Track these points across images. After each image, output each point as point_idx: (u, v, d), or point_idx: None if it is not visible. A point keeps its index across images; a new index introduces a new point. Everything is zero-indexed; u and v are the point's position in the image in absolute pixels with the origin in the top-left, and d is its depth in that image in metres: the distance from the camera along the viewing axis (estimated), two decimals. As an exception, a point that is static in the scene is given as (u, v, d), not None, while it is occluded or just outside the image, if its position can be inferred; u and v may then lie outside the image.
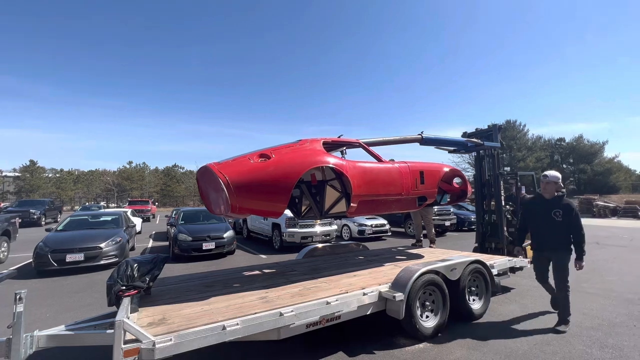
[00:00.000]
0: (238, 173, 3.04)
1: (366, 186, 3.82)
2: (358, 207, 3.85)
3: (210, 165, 3.13)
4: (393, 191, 4.15)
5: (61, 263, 6.93)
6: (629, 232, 12.90)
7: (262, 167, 3.18)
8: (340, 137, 4.25)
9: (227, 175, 2.95)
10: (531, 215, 3.97)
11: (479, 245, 6.75)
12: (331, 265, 4.66)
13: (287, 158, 3.36)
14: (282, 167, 3.24)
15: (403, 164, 4.34)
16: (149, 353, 2.14)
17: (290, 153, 3.47)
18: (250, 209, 3.18)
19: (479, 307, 4.01)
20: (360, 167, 3.86)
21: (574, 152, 40.63)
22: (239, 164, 3.17)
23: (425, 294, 3.58)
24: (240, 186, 2.98)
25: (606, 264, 7.09)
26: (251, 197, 3.08)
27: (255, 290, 3.40)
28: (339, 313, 3.07)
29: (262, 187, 3.11)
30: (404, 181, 4.20)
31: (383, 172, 4.09)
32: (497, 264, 4.57)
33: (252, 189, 3.07)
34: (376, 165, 4.10)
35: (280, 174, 3.19)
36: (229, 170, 3.02)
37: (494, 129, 6.56)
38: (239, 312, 2.70)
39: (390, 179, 4.11)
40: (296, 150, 3.56)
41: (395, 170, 4.19)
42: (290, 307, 2.81)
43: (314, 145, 3.73)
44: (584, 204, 24.30)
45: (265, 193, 3.14)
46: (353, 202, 3.74)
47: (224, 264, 7.89)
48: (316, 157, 3.54)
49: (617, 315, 4.01)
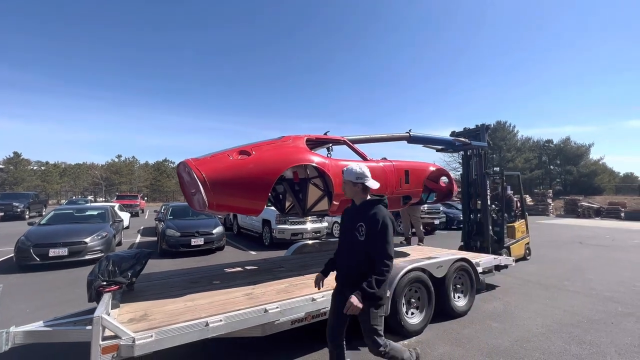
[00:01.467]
0: (215, 170, 2.98)
1: None
2: (340, 206, 3.83)
3: (188, 161, 3.06)
4: (377, 190, 4.12)
5: (44, 258, 6.76)
6: (611, 233, 13.28)
7: (240, 164, 3.12)
8: (326, 134, 4.23)
9: (204, 172, 2.89)
10: (340, 231, 2.52)
11: (464, 243, 6.86)
12: (319, 262, 4.64)
13: (267, 155, 3.31)
14: (261, 164, 3.19)
15: (388, 163, 4.35)
16: (128, 349, 2.10)
17: (271, 150, 3.42)
18: (228, 207, 3.13)
19: (463, 304, 4.07)
20: (342, 165, 3.82)
21: (561, 154, 41.50)
22: (217, 160, 3.10)
23: (411, 291, 3.61)
24: (217, 183, 2.92)
25: (588, 262, 7.28)
26: (228, 194, 3.03)
27: (240, 286, 3.37)
28: (325, 309, 3.06)
29: (240, 184, 3.05)
30: (388, 180, 4.20)
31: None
32: (482, 262, 4.64)
33: (230, 186, 3.01)
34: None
35: (259, 171, 3.14)
36: (206, 167, 2.96)
37: (481, 128, 6.64)
38: (222, 309, 2.67)
39: (374, 177, 4.08)
40: (277, 147, 3.51)
41: (380, 169, 4.19)
42: (275, 304, 2.79)
43: (297, 142, 3.68)
44: (569, 204, 24.91)
45: (243, 191, 3.09)
46: (335, 201, 3.73)
47: (212, 260, 7.82)
48: (298, 155, 3.49)
49: (595, 313, 4.13)
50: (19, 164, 37.62)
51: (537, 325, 3.71)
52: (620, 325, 3.73)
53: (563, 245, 10.05)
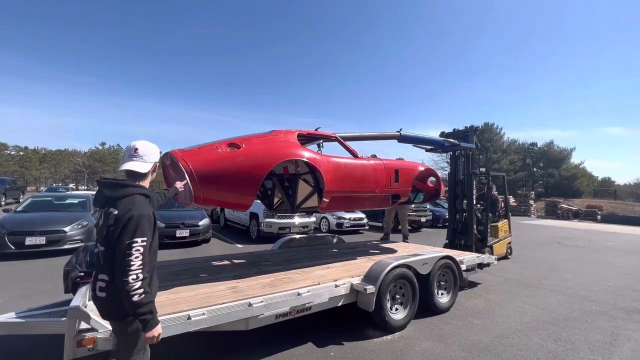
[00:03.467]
0: (203, 162, 2.87)
1: (339, 182, 3.77)
2: (330, 203, 3.82)
3: (174, 152, 2.93)
4: (366, 188, 4.13)
5: (20, 246, 6.51)
6: (587, 234, 13.79)
7: (229, 157, 3.03)
8: (317, 130, 4.19)
9: (191, 164, 2.79)
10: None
11: (449, 241, 6.98)
12: (306, 257, 4.64)
13: (257, 149, 3.23)
14: (251, 158, 3.11)
15: (378, 162, 4.34)
16: (105, 343, 2.04)
17: (262, 144, 3.34)
18: (215, 201, 3.04)
19: (446, 301, 4.14)
20: (334, 162, 3.80)
21: (544, 157, 42.69)
22: (205, 152, 3.00)
23: (396, 287, 3.64)
24: (204, 176, 2.82)
25: (565, 262, 7.54)
26: (216, 188, 2.94)
27: (225, 280, 3.32)
28: (310, 304, 3.06)
29: (228, 178, 2.96)
30: (378, 179, 4.20)
31: (357, 169, 4.05)
32: (466, 260, 4.73)
33: (218, 180, 2.92)
34: (351, 162, 4.04)
35: (248, 165, 3.06)
36: (193, 159, 2.85)
37: (470, 130, 6.73)
38: (206, 302, 2.62)
39: (364, 175, 4.08)
40: (268, 141, 3.44)
41: (370, 167, 4.18)
42: (259, 298, 2.76)
43: (288, 137, 3.62)
44: (549, 206, 25.72)
45: (232, 185, 3.00)
46: (325, 198, 3.70)
47: (197, 252, 7.70)
48: (289, 150, 3.43)
49: (571, 311, 4.27)
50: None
51: (516, 322, 3.81)
52: (594, 324, 3.87)
53: (543, 245, 10.38)
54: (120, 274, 1.50)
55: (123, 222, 1.54)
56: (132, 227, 1.53)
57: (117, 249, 1.53)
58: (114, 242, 1.54)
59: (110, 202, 1.64)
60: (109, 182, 1.70)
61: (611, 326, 3.80)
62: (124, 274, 1.48)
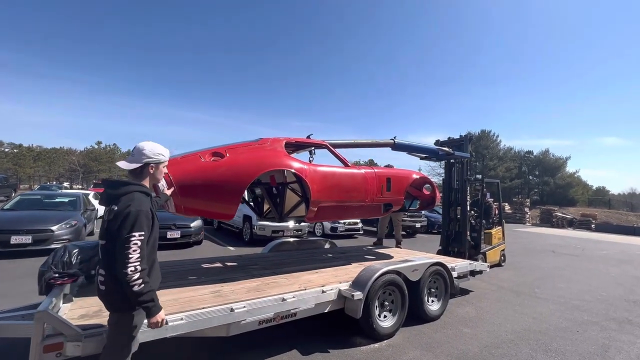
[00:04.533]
0: (184, 172, 2.83)
1: (327, 192, 3.69)
2: (318, 213, 3.74)
3: None
4: (356, 197, 4.04)
5: (5, 245, 6.37)
6: (581, 243, 13.81)
7: (212, 166, 2.98)
8: (308, 137, 4.15)
9: (172, 174, 2.74)
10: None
11: (442, 248, 6.93)
12: (295, 261, 4.56)
13: (241, 158, 3.17)
14: (234, 168, 3.05)
15: (369, 170, 4.27)
16: (74, 348, 1.95)
17: (247, 153, 3.29)
18: (197, 210, 2.99)
19: (437, 308, 4.07)
20: (322, 171, 3.72)
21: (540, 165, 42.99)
22: (187, 162, 2.96)
23: (385, 294, 3.57)
24: (185, 186, 2.78)
25: (558, 271, 7.50)
26: (197, 198, 2.89)
27: (210, 283, 3.23)
28: (295, 310, 2.98)
29: (210, 188, 2.91)
30: (368, 187, 4.12)
31: (346, 178, 3.97)
32: (458, 267, 4.66)
33: (199, 190, 2.87)
34: (339, 170, 3.96)
35: (231, 175, 3.01)
36: (175, 169, 2.81)
37: (465, 139, 6.71)
38: (186, 306, 2.53)
39: (353, 185, 4.00)
40: (253, 150, 3.38)
41: (360, 176, 4.10)
42: (242, 303, 2.68)
43: (275, 145, 3.55)
44: (544, 214, 25.82)
45: (214, 195, 2.95)
46: (312, 208, 3.62)
47: (187, 254, 7.58)
48: (274, 159, 3.37)
49: (563, 321, 4.22)
50: (-11, 145, 35.61)
51: (506, 332, 3.75)
52: (585, 334, 3.82)
53: (537, 253, 10.35)
54: (120, 266, 1.60)
55: (122, 217, 1.64)
56: (130, 221, 1.63)
57: (116, 243, 1.63)
58: (114, 236, 1.65)
59: (113, 200, 1.75)
60: (112, 181, 1.84)
61: (602, 337, 3.75)
62: (123, 266, 1.59)
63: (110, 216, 1.70)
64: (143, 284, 1.62)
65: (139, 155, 1.86)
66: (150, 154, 1.88)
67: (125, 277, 1.58)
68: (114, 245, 1.65)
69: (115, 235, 1.64)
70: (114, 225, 1.66)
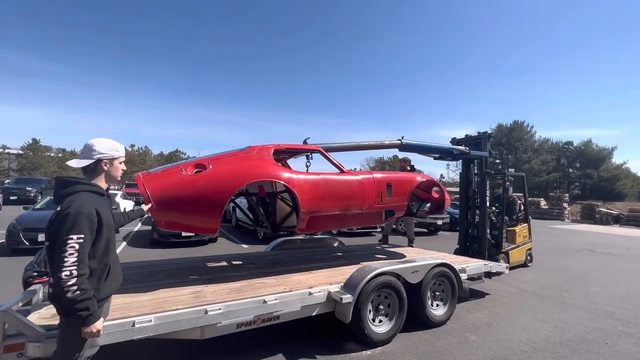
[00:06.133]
0: (162, 187, 2.77)
1: (318, 201, 3.47)
2: (310, 223, 3.53)
3: (138, 176, 2.89)
4: (352, 205, 3.78)
5: (33, 242, 6.84)
6: (627, 241, 12.47)
7: (191, 180, 2.89)
8: (305, 142, 4.00)
9: (149, 190, 2.70)
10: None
11: (460, 247, 6.48)
12: (293, 260, 4.42)
13: (222, 170, 3.05)
14: (214, 180, 2.94)
15: (367, 175, 3.99)
16: (35, 349, 1.92)
17: (230, 164, 3.16)
18: (178, 225, 2.92)
19: (441, 313, 3.75)
20: (312, 180, 3.49)
21: (581, 157, 39.67)
22: (166, 176, 2.91)
23: (380, 297, 3.32)
24: (163, 201, 2.71)
25: (594, 273, 6.75)
26: (176, 212, 2.81)
27: (194, 283, 3.16)
28: (278, 313, 2.83)
29: (188, 203, 2.82)
30: (366, 194, 3.84)
31: (340, 185, 3.72)
32: (469, 268, 4.29)
33: (177, 205, 2.79)
34: (332, 178, 3.71)
35: (211, 188, 2.89)
36: (153, 184, 2.77)
37: (483, 137, 6.21)
38: (158, 307, 2.47)
39: (348, 192, 3.75)
40: (237, 160, 3.25)
41: (356, 182, 3.83)
42: (218, 305, 2.57)
43: (262, 154, 3.40)
44: (586, 209, 23.78)
45: (193, 209, 2.86)
46: (302, 218, 3.42)
47: (198, 252, 7.72)
48: (258, 170, 3.21)
49: (590, 331, 3.72)
50: (37, 150, 38.89)
51: (520, 342, 3.35)
52: (615, 347, 3.33)
53: (571, 252, 9.45)
54: (55, 270, 1.52)
55: (61, 218, 1.57)
56: (68, 223, 1.55)
57: (54, 245, 1.55)
58: (53, 238, 1.57)
59: (60, 200, 1.67)
60: (62, 180, 1.73)
61: (637, 352, 3.24)
62: (58, 270, 1.50)
63: (53, 216, 1.63)
64: (78, 291, 1.51)
65: (89, 152, 1.78)
66: (101, 149, 1.80)
67: (59, 282, 1.49)
68: (54, 248, 1.57)
69: (54, 237, 1.56)
70: (54, 226, 1.58)
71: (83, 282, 1.54)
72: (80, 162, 1.78)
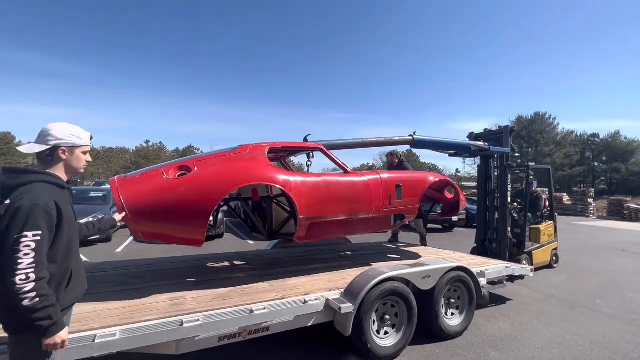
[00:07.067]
0: (137, 193, 2.46)
1: (318, 206, 3.10)
2: (309, 231, 3.15)
3: (112, 181, 2.58)
4: (357, 210, 3.38)
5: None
6: (662, 240, 11.49)
7: (172, 185, 2.56)
8: (305, 139, 3.63)
9: (123, 196, 2.39)
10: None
11: (478, 246, 5.98)
12: (293, 261, 4.07)
13: (209, 173, 2.70)
14: (198, 185, 2.60)
15: (374, 176, 3.58)
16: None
17: (217, 165, 2.82)
18: (157, 235, 2.59)
19: (457, 323, 3.32)
20: (311, 182, 3.11)
21: (608, 150, 37.57)
22: (144, 181, 2.59)
23: (386, 305, 2.93)
24: (137, 210, 2.39)
25: (629, 276, 6.10)
26: (155, 223, 2.49)
27: (179, 288, 2.85)
28: (267, 324, 2.49)
29: (168, 211, 2.49)
30: (372, 197, 3.43)
31: (343, 187, 3.33)
32: (489, 272, 3.82)
33: (156, 214, 2.46)
34: (335, 179, 3.33)
35: (194, 194, 2.55)
36: (128, 190, 2.46)
37: (504, 131, 5.63)
38: (128, 318, 2.16)
39: (352, 195, 3.35)
40: (226, 161, 2.90)
41: (362, 184, 3.42)
42: (197, 315, 2.24)
43: (255, 153, 3.03)
44: (613, 205, 22.37)
45: (174, 218, 2.53)
46: (300, 226, 3.04)
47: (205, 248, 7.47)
48: (249, 172, 2.85)
49: (635, 347, 3.20)
50: (58, 147, 40.25)
51: None
52: (668, 370, 2.81)
53: (600, 252, 8.72)
54: (8, 275, 1.26)
55: (11, 212, 1.31)
56: (21, 218, 1.29)
57: (5, 245, 1.30)
58: (2, 238, 1.31)
59: (9, 192, 1.39)
60: (12, 169, 1.46)
61: (696, 376, 2.73)
62: (11, 274, 1.26)
63: (2, 211, 1.35)
64: (38, 297, 1.27)
65: (44, 137, 1.51)
66: (59, 134, 1.52)
67: (13, 288, 1.24)
68: (2, 249, 1.31)
69: (3, 236, 1.30)
70: (3, 223, 1.31)
71: (43, 287, 1.30)
72: (34, 147, 1.50)
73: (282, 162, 4.60)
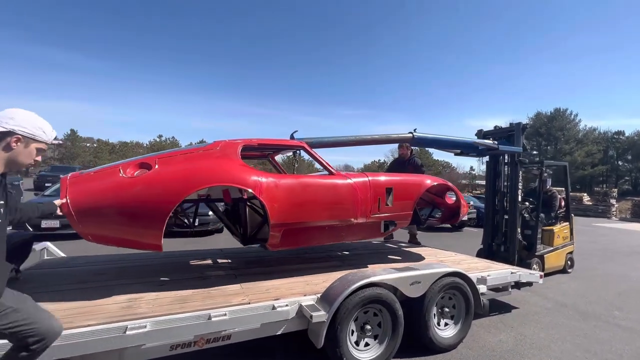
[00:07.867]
0: (85, 193, 2.24)
1: (293, 211, 2.81)
2: (284, 238, 2.87)
3: (63, 178, 2.36)
4: (339, 216, 3.08)
5: (37, 228, 6.92)
6: (692, 245, 10.63)
7: (126, 184, 2.32)
8: (292, 135, 3.36)
9: (70, 196, 2.17)
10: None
11: (484, 248, 5.57)
12: (277, 260, 3.81)
13: (168, 172, 2.45)
14: (155, 186, 2.35)
15: (361, 178, 3.26)
16: None
17: (180, 163, 2.57)
18: (108, 239, 2.35)
19: (451, 334, 2.98)
20: (285, 184, 2.82)
21: (634, 148, 35.61)
22: (97, 179, 2.38)
23: (367, 314, 2.62)
24: (83, 211, 2.17)
25: (655, 284, 5.56)
26: (102, 225, 2.27)
27: (140, 288, 2.63)
28: (229, 332, 2.23)
29: (118, 213, 2.26)
30: (358, 201, 3.12)
31: (323, 190, 3.02)
32: (491, 278, 3.45)
33: (103, 215, 2.24)
34: (313, 181, 3.03)
35: (149, 195, 2.32)
36: (76, 189, 2.24)
37: (516, 128, 5.18)
38: (68, 322, 1.93)
39: (334, 199, 3.05)
40: (192, 159, 2.65)
41: (345, 187, 3.11)
42: (145, 321, 2.00)
43: (226, 151, 2.77)
44: (638, 206, 21.13)
45: (124, 221, 2.29)
46: (273, 232, 2.76)
47: (197, 243, 7.35)
48: (214, 172, 2.59)
49: (657, 370, 2.79)
50: (75, 140, 41.38)
51: (556, 382, 2.53)
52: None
53: (622, 256, 8.08)
54: None
55: None
56: None
57: None
58: None
59: None
60: None
61: None
62: None
63: None
64: None
65: (3, 118, 1.38)
66: (22, 122, 1.41)
67: None
68: None
69: None
70: None
71: None
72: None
73: (270, 160, 4.33)
